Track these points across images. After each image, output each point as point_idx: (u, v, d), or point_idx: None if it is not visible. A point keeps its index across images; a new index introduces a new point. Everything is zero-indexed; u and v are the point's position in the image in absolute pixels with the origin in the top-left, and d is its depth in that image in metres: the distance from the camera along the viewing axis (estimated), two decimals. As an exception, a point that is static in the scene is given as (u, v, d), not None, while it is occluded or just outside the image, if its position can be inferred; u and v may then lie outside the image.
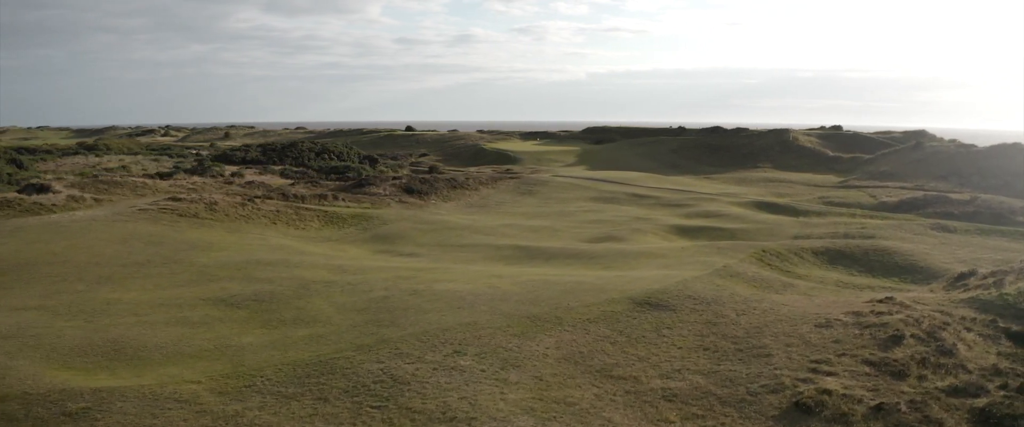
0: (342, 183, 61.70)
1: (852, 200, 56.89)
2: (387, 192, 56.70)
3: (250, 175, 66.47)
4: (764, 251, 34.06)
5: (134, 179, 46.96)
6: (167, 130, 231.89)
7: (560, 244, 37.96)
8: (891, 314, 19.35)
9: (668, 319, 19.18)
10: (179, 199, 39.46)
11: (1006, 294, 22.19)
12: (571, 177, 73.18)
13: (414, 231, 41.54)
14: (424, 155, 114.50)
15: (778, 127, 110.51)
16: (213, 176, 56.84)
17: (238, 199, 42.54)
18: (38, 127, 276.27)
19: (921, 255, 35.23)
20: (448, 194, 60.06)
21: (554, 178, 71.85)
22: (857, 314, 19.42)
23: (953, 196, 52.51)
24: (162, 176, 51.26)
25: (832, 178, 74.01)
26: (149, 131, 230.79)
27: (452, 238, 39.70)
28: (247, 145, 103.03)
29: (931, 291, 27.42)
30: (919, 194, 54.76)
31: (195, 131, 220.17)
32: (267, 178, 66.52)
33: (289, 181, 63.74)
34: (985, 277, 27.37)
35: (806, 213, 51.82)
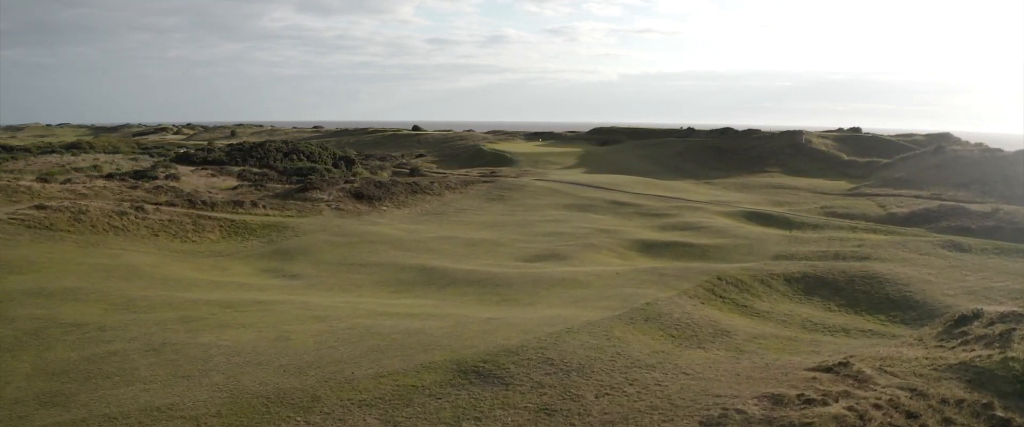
0: (289, 186, 55.85)
1: (858, 210, 49.80)
2: (331, 197, 50.68)
3: (196, 177, 60.91)
4: (720, 278, 27.32)
5: (19, 183, 41.32)
6: (180, 128, 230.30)
7: (481, 265, 31.58)
8: (828, 401, 12.75)
9: (487, 401, 12.78)
10: (45, 207, 33.70)
11: (1012, 359, 15.51)
12: (554, 181, 66.71)
13: (324, 246, 35.42)
14: (420, 155, 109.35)
15: (791, 129, 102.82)
16: (121, 179, 50.94)
17: (126, 206, 36.71)
18: (59, 125, 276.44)
19: (920, 284, 28.29)
20: (405, 200, 53.92)
21: (535, 182, 65.47)
22: (776, 400, 12.86)
23: (972, 207, 45.27)
24: (46, 180, 45.50)
25: (843, 184, 66.71)
26: (163, 129, 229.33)
27: (361, 255, 33.50)
28: (213, 146, 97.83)
29: (918, 341, 20.69)
30: (934, 205, 47.56)
31: (206, 129, 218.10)
32: (215, 180, 60.95)
33: (234, 184, 58.09)
34: (991, 322, 20.58)
35: (800, 226, 44.90)
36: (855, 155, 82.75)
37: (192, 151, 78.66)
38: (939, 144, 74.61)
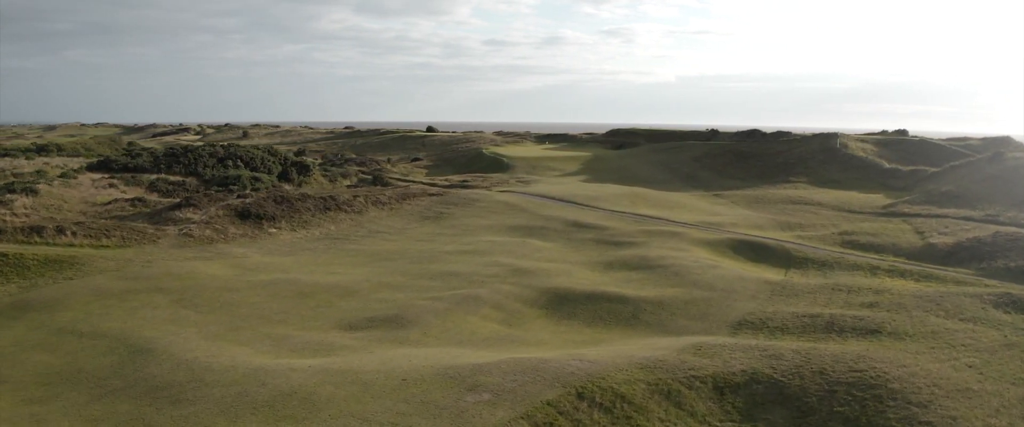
0: (173, 201, 45.53)
1: (888, 239, 37.33)
2: (205, 217, 40.08)
3: (83, 189, 50.84)
4: (582, 396, 15.65)
5: None
6: (202, 128, 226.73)
7: (248, 339, 20.49)
8: None
9: None
10: None
11: None
12: (520, 194, 55.12)
13: (72, 301, 24.70)
14: (416, 159, 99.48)
15: (826, 131, 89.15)
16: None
17: None
18: (95, 123, 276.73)
19: (950, 399, 16.23)
20: (308, 219, 43.03)
21: (494, 196, 54.03)
22: None
23: (1042, 241, 32.50)
24: None
25: (878, 199, 53.63)
26: (185, 129, 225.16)
27: (94, 321, 22.57)
28: (143, 151, 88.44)
29: None
30: (986, 232, 34.84)
31: (224, 128, 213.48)
32: (106, 192, 50.88)
33: (116, 197, 48.02)
34: None
35: (802, 263, 32.77)
36: (898, 162, 69.20)
37: (114, 157, 68.74)
38: (997, 150, 60.73)
